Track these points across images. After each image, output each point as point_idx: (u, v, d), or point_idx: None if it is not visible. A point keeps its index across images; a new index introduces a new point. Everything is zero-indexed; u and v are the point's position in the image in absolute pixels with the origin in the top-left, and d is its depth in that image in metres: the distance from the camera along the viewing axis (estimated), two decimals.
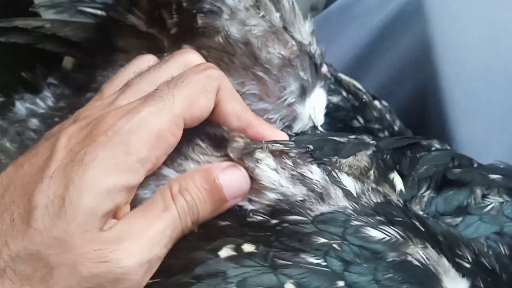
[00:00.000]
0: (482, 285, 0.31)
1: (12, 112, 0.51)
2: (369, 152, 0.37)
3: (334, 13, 0.71)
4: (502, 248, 0.33)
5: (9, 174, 0.31)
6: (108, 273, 0.28)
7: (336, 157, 0.36)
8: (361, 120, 0.55)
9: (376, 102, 0.57)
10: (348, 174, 0.34)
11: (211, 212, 0.33)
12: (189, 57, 0.37)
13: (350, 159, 0.36)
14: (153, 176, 0.34)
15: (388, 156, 0.37)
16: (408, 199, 0.35)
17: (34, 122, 0.50)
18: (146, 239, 0.30)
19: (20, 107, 0.51)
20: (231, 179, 0.33)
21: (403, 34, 0.62)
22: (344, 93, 0.56)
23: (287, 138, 0.38)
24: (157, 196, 0.33)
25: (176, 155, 0.35)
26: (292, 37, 0.40)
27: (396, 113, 0.57)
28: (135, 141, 0.31)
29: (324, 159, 0.35)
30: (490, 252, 0.33)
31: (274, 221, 0.32)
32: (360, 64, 0.66)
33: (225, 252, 0.31)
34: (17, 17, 0.49)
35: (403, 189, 0.35)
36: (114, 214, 0.31)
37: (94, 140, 0.30)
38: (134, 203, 0.33)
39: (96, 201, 0.29)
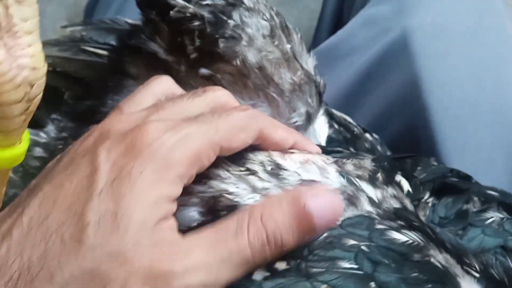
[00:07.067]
0: None
1: None
2: (369, 159, 0.39)
3: (321, 53, 0.74)
4: (510, 262, 0.34)
5: (49, 194, 0.31)
6: None
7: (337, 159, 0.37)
8: (353, 151, 0.57)
9: (367, 135, 0.59)
10: (360, 178, 0.35)
11: (297, 242, 0.31)
12: (221, 94, 0.37)
13: (354, 160, 0.37)
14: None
15: (387, 163, 0.39)
16: (414, 203, 0.37)
17: (38, 151, 0.51)
18: (202, 263, 0.29)
19: None
20: (322, 206, 0.32)
21: (390, 72, 0.64)
22: (336, 126, 0.58)
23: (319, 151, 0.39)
24: (232, 219, 0.32)
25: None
26: (301, 66, 0.43)
27: (387, 147, 0.59)
28: (176, 156, 0.31)
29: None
30: (498, 264, 0.34)
31: None
32: (349, 101, 0.68)
33: (259, 274, 0.31)
34: None
35: (410, 190, 0.37)
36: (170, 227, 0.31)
37: (140, 153, 0.31)
38: None
39: (146, 213, 0.30)
